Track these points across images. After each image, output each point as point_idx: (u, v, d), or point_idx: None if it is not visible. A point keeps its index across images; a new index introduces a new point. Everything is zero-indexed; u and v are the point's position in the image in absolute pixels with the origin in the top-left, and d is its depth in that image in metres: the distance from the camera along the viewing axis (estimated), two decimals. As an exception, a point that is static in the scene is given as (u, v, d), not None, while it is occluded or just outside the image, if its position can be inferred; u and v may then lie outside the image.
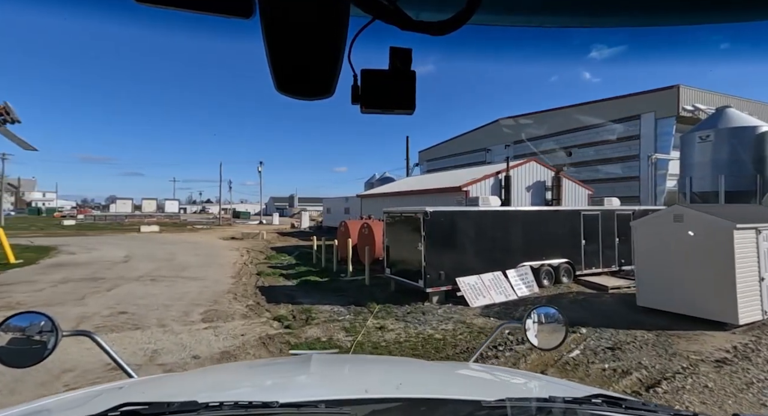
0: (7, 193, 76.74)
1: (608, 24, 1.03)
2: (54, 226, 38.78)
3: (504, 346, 5.74)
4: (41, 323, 1.42)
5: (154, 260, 14.91)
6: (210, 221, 53.51)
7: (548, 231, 10.05)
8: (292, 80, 0.76)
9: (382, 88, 0.90)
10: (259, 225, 47.88)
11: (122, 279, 10.95)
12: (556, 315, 1.71)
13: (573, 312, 7.75)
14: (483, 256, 9.18)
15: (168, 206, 74.15)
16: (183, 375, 2.08)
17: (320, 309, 8.18)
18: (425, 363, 2.37)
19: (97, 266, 13.01)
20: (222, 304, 8.54)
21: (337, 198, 35.30)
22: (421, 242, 8.61)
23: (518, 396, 1.06)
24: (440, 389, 1.38)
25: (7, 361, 1.33)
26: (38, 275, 11.42)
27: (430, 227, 8.58)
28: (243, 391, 1.39)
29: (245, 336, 6.40)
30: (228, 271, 13.07)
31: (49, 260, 14.50)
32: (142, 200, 73.68)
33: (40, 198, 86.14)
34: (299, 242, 25.31)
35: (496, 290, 8.85)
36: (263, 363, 2.79)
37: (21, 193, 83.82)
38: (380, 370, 1.74)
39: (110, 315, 7.32)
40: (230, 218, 57.40)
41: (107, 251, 17.88)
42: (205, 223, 49.26)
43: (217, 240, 25.84)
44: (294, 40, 0.71)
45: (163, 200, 77.65)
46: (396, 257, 9.81)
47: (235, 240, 25.98)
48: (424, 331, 6.67)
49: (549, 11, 1.01)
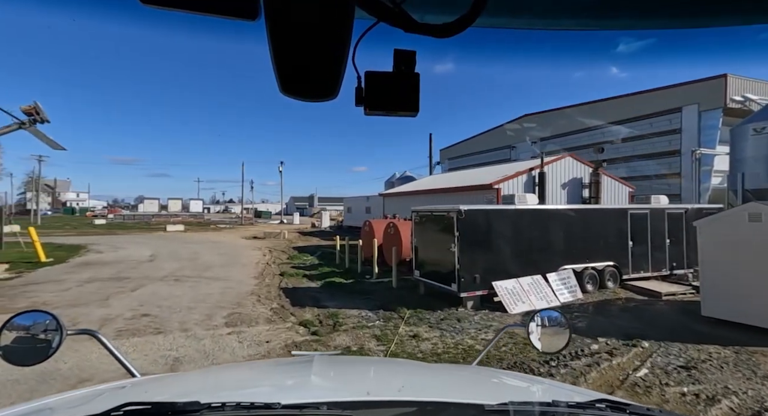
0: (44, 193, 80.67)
1: (614, 26, 1.01)
2: (86, 225, 40.18)
3: (557, 361, 5.09)
4: (46, 321, 1.41)
5: (179, 260, 14.88)
6: (233, 220, 54.35)
7: (592, 232, 9.25)
8: (297, 82, 0.76)
9: (386, 90, 0.89)
10: (280, 225, 48.25)
11: (147, 279, 10.84)
12: (560, 318, 1.68)
13: (626, 321, 6.99)
14: (521, 258, 8.50)
15: (192, 206, 75.98)
16: (185, 375, 2.13)
17: (347, 314, 7.73)
18: (428, 366, 2.41)
19: (123, 266, 13.04)
20: (245, 307, 8.22)
21: (357, 197, 34.98)
22: (454, 243, 8.02)
23: (521, 399, 1.05)
24: (442, 392, 1.36)
25: (12, 360, 1.33)
26: (66, 274, 11.48)
27: (464, 226, 7.97)
28: (245, 392, 1.36)
29: (270, 343, 6.00)
30: (251, 271, 12.84)
31: (78, 259, 14.69)
32: (168, 200, 75.77)
33: (74, 198, 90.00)
34: (321, 241, 25.08)
35: (536, 295, 8.15)
36: (265, 363, 2.77)
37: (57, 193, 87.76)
38: (382, 372, 1.72)
39: (133, 317, 7.08)
40: (252, 218, 58.16)
41: (134, 250, 18.08)
42: (227, 222, 50.05)
43: (240, 240, 25.94)
44: (298, 42, 0.71)
45: (188, 200, 79.64)
46: (426, 259, 9.25)
47: (257, 240, 26.02)
48: (462, 341, 6.09)
49: (553, 14, 0.99)
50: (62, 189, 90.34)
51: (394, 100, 0.90)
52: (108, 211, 68.59)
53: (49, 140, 12.05)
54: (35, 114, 11.35)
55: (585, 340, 5.98)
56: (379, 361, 3.24)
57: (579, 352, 5.42)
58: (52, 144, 12.33)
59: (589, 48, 1.61)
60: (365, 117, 0.95)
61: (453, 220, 8.09)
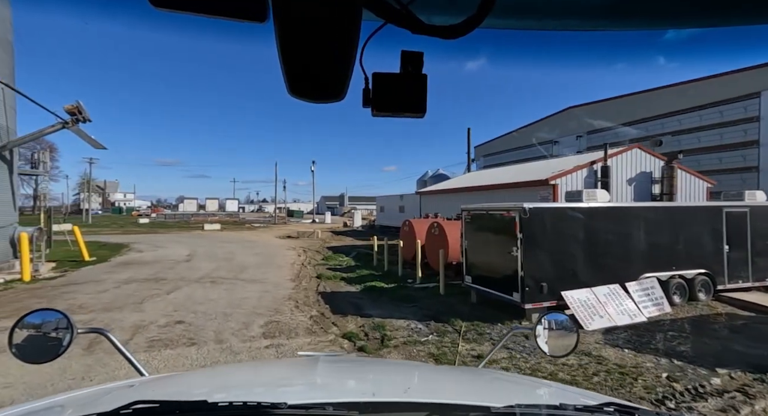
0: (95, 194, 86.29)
1: (627, 26, 0.99)
2: (131, 224, 42.01)
3: (675, 400, 3.98)
4: (57, 320, 1.44)
5: (215, 260, 14.68)
6: (266, 219, 55.23)
7: (679, 234, 7.87)
8: (305, 83, 0.75)
9: (393, 91, 0.89)
10: (312, 224, 48.40)
11: (183, 280, 10.54)
12: (567, 322, 1.66)
13: (743, 345, 5.67)
14: (595, 264, 7.31)
15: (228, 206, 78.29)
16: (193, 374, 2.19)
17: (395, 325, 6.89)
18: (434, 368, 2.55)
19: (160, 266, 12.92)
20: (283, 314, 7.58)
21: (391, 196, 34.15)
22: (516, 246, 6.97)
23: (528, 402, 1.06)
24: (449, 394, 1.36)
25: (24, 357, 1.37)
26: (106, 274, 11.43)
27: (529, 227, 6.90)
28: (251, 391, 1.36)
29: (313, 360, 5.25)
30: (287, 273, 12.32)
31: (119, 258, 14.83)
32: (206, 200, 78.54)
33: (122, 198, 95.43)
34: (354, 241, 24.49)
35: (615, 308, 6.94)
36: (271, 363, 2.75)
37: (107, 194, 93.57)
38: (388, 373, 1.70)
39: (166, 324, 6.60)
40: (285, 217, 58.92)
41: (172, 249, 18.21)
42: (261, 222, 50.86)
43: (274, 239, 25.87)
44: (306, 43, 0.71)
45: (224, 200, 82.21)
46: (479, 263, 8.24)
47: (291, 239, 25.84)
48: (539, 365, 5.07)
49: (563, 15, 0.96)
50: (111, 190, 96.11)
51: (401, 102, 0.89)
52: (151, 210, 72.02)
53: (90, 139, 12.10)
54: (78, 113, 11.37)
55: (699, 370, 4.79)
56: (385, 362, 3.24)
57: (699, 389, 4.26)
58: (94, 143, 12.40)
59: (631, 39, 1.67)
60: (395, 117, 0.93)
61: (515, 220, 7.04)
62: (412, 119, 0.95)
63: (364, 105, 0.89)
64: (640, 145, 13.74)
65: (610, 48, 1.49)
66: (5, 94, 11.53)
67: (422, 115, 0.92)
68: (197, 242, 22.27)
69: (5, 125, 11.56)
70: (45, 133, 11.34)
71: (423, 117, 0.93)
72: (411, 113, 0.91)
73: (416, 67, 0.89)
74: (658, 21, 1.00)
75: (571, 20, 0.99)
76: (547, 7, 0.95)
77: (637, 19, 1.00)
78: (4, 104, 11.50)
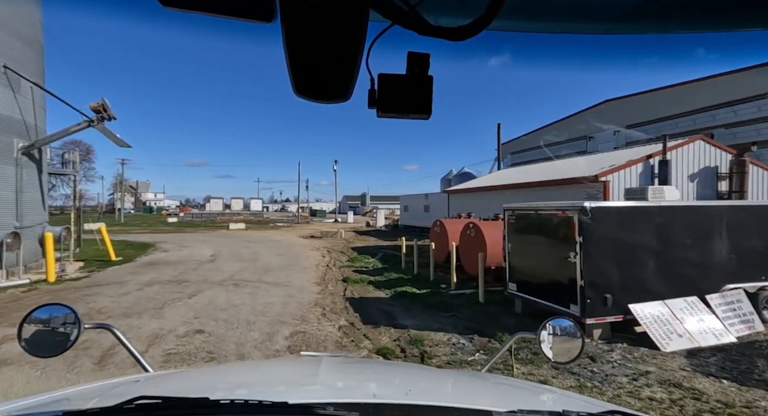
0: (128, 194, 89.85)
1: (641, 31, 0.97)
2: (160, 223, 43.06)
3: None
4: (65, 315, 1.45)
5: (239, 260, 14.33)
6: (289, 219, 55.56)
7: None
8: (310, 84, 0.75)
9: (399, 92, 0.88)
10: (334, 223, 48.18)
11: (206, 283, 10.14)
12: (572, 327, 1.61)
13: None
14: (668, 273, 6.27)
15: (253, 205, 79.51)
16: (196, 371, 2.27)
17: (433, 339, 6.12)
18: (436, 371, 2.57)
19: (184, 267, 12.65)
20: (310, 323, 6.95)
21: (415, 195, 33.27)
22: (574, 251, 6.04)
23: (531, 408, 1.03)
24: (450, 397, 1.36)
25: (32, 351, 1.39)
26: (130, 274, 11.21)
27: (591, 229, 5.95)
28: (253, 390, 1.35)
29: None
30: (311, 275, 11.76)
31: (144, 258, 14.74)
32: (231, 200, 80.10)
33: (152, 198, 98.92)
34: (379, 241, 23.83)
35: (695, 325, 5.90)
36: (274, 363, 2.70)
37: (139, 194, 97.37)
38: (390, 375, 1.71)
39: (186, 334, 6.09)
40: (308, 217, 59.09)
41: (197, 249, 18.09)
42: (285, 221, 51.14)
43: (297, 239, 25.57)
44: (313, 44, 0.71)
45: (248, 199, 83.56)
46: (526, 269, 7.33)
47: (315, 239, 25.47)
48: (620, 399, 4.17)
49: (574, 17, 0.93)
50: (143, 190, 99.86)
51: (407, 103, 0.89)
52: (180, 210, 74.10)
53: (115, 137, 11.96)
54: (103, 111, 11.20)
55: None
56: (387, 364, 3.23)
57: None
58: (119, 141, 12.26)
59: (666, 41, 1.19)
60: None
61: (572, 221, 6.11)
62: (433, 120, 0.95)
63: (370, 106, 0.88)
64: (704, 136, 12.28)
65: (641, 44, 1.29)
66: (34, 94, 11.52)
67: (428, 116, 0.91)
68: (222, 241, 22.21)
69: (34, 125, 11.55)
70: (71, 131, 11.24)
71: (428, 118, 0.91)
72: (416, 114, 0.90)
73: (422, 68, 0.88)
74: (680, 24, 0.94)
75: (582, 23, 0.95)
76: (558, 8, 0.91)
77: (657, 22, 0.94)
78: (33, 104, 11.49)
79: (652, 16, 0.92)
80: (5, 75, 10.27)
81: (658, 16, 0.92)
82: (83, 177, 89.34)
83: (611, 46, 1.22)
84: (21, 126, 10.89)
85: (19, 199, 10.67)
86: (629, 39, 1.12)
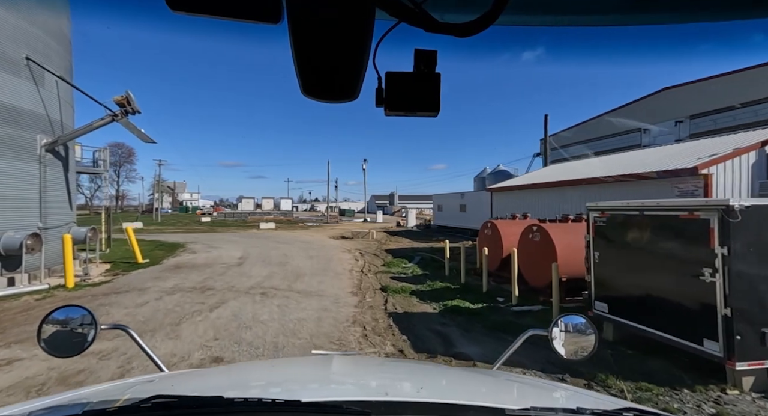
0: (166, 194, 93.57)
1: (651, 21, 0.93)
2: (194, 222, 43.71)
3: None
4: (82, 316, 1.49)
5: (268, 264, 13.39)
6: (318, 218, 55.22)
7: None
8: (318, 84, 0.75)
9: (406, 90, 0.87)
10: (364, 223, 47.19)
11: (231, 291, 9.15)
12: (585, 324, 1.56)
13: None
14: None
15: (283, 205, 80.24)
16: (210, 371, 2.38)
17: (511, 379, 4.65)
18: (447, 368, 2.62)
19: (210, 271, 11.80)
20: (349, 347, 5.69)
21: (450, 194, 31.54)
22: (713, 268, 4.40)
23: (544, 405, 1.02)
24: (463, 395, 1.33)
25: (51, 351, 1.43)
26: (153, 280, 10.45)
27: (742, 238, 4.29)
28: (266, 389, 1.37)
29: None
30: (346, 283, 10.56)
31: (172, 260, 14.10)
32: (262, 199, 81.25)
33: (188, 198, 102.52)
34: (413, 243, 22.43)
35: None
36: (286, 361, 2.72)
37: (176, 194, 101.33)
38: (402, 373, 1.71)
39: (201, 362, 4.97)
40: (337, 216, 58.57)
41: (226, 250, 17.41)
42: (314, 220, 50.76)
43: (328, 239, 24.63)
44: (320, 44, 0.70)
45: (278, 199, 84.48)
46: (623, 286, 5.73)
47: (345, 240, 24.43)
48: None
49: (580, 11, 0.91)
50: (179, 190, 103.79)
51: (414, 101, 0.88)
52: (213, 209, 75.98)
53: (139, 132, 11.28)
54: (126, 104, 10.51)
55: None
56: (398, 362, 3.18)
57: None
58: (143, 137, 11.59)
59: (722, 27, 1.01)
60: (443, 115, 0.93)
61: (708, 225, 4.47)
62: (462, 118, 0.87)
63: (377, 104, 0.88)
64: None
65: (693, 32, 1.13)
66: (59, 89, 11.02)
67: (435, 114, 0.90)
68: (251, 242, 21.57)
69: (60, 121, 11.04)
70: (95, 126, 10.63)
71: (436, 116, 0.90)
72: (424, 112, 0.89)
73: (429, 65, 0.87)
74: (692, 14, 0.88)
75: (590, 16, 0.92)
76: (566, 2, 0.90)
77: (667, 12, 0.89)
78: (59, 99, 10.98)
79: (670, 4, 0.87)
80: (28, 67, 9.74)
81: (677, 3, 0.86)
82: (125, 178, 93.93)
83: (646, 36, 1.11)
84: (45, 122, 10.37)
85: (43, 198, 10.14)
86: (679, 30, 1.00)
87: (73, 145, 12.88)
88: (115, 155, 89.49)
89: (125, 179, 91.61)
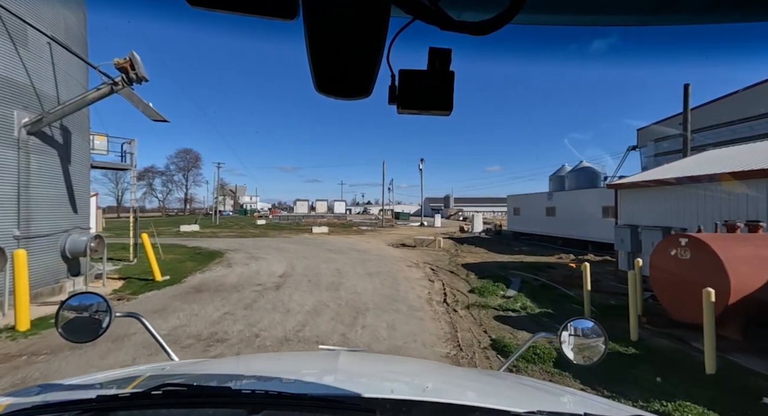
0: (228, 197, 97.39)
1: (675, 22, 0.89)
2: (250, 225, 42.78)
3: None
4: (97, 303, 1.51)
5: (315, 287, 9.96)
6: (372, 221, 52.27)
7: None
8: (332, 81, 0.75)
9: (420, 88, 0.87)
10: (421, 228, 43.13)
11: (254, 343, 5.70)
12: (595, 328, 1.53)
13: None
14: None
15: (336, 207, 78.84)
16: (219, 361, 2.34)
17: None
18: (455, 369, 2.49)
19: (236, 299, 8.57)
20: None
21: (531, 194, 26.27)
22: None
23: (551, 410, 1.01)
24: (469, 396, 1.33)
25: (69, 336, 1.46)
26: (159, 311, 7.38)
27: None
28: (273, 382, 1.34)
29: None
30: (431, 328, 6.71)
31: (197, 277, 11.18)
32: (316, 202, 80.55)
33: (248, 201, 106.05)
34: (492, 255, 17.99)
35: None
36: (293, 355, 2.71)
37: (237, 197, 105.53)
38: (408, 372, 1.71)
39: None
40: (392, 219, 55.20)
41: (267, 262, 14.38)
42: (368, 224, 47.85)
43: (386, 247, 21.02)
44: (335, 41, 0.70)
45: (332, 202, 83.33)
46: None
47: (407, 248, 20.63)
48: None
49: (601, 11, 0.88)
50: (240, 193, 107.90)
51: (427, 99, 0.87)
52: (270, 212, 76.75)
53: (145, 106, 8.50)
54: (130, 69, 7.67)
55: None
56: (405, 360, 3.13)
57: None
58: (151, 113, 8.82)
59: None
60: (499, 116, 0.87)
61: None
62: (519, 119, 0.80)
63: (390, 102, 0.88)
64: None
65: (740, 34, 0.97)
66: (56, 57, 8.51)
67: (448, 112, 0.89)
68: (301, 250, 18.56)
69: (56, 97, 8.51)
70: (89, 99, 7.93)
71: (449, 115, 0.90)
72: (437, 110, 0.89)
73: (444, 64, 0.87)
74: (712, 14, 0.84)
75: (610, 17, 0.88)
76: (585, 1, 0.86)
77: (689, 13, 0.84)
78: (53, 67, 8.48)
79: (692, 5, 0.83)
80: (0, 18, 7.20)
81: (701, 4, 0.82)
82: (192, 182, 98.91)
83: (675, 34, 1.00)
84: (29, 95, 7.83)
85: (23, 197, 7.57)
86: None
87: (86, 134, 10.54)
88: (184, 160, 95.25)
89: (192, 182, 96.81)
